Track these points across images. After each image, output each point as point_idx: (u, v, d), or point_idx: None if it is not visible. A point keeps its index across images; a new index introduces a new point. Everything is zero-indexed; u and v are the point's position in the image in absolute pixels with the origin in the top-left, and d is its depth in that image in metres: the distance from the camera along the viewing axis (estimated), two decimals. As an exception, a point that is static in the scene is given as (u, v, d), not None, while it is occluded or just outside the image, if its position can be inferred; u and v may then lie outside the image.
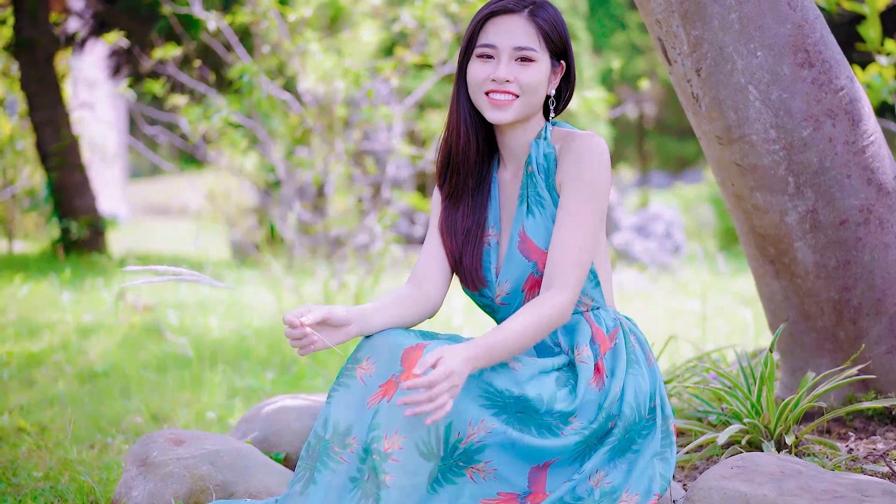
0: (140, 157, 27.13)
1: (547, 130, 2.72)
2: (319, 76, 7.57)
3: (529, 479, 2.51)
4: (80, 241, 11.09)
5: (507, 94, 2.63)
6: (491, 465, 2.48)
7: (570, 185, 2.61)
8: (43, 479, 3.44)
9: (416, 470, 2.42)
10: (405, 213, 11.89)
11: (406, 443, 2.41)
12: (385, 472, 2.39)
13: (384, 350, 2.53)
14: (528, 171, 2.69)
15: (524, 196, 2.71)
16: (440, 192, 2.82)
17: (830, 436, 3.24)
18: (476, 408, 2.48)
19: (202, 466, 2.92)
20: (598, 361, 2.65)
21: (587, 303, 2.71)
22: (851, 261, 3.26)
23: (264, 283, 8.60)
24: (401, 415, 2.41)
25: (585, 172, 2.59)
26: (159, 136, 9.06)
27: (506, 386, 2.52)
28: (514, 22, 2.63)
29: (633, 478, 2.57)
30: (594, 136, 2.62)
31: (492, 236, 2.77)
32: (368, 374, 2.52)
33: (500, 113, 2.64)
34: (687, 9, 3.15)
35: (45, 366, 5.35)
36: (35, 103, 11.09)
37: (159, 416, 4.42)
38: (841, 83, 3.21)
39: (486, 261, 2.75)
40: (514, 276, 2.70)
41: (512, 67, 2.62)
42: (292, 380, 5.24)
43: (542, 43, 2.64)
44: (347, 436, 2.50)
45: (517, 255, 2.69)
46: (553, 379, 2.60)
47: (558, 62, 2.70)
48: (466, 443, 2.46)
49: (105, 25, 12.25)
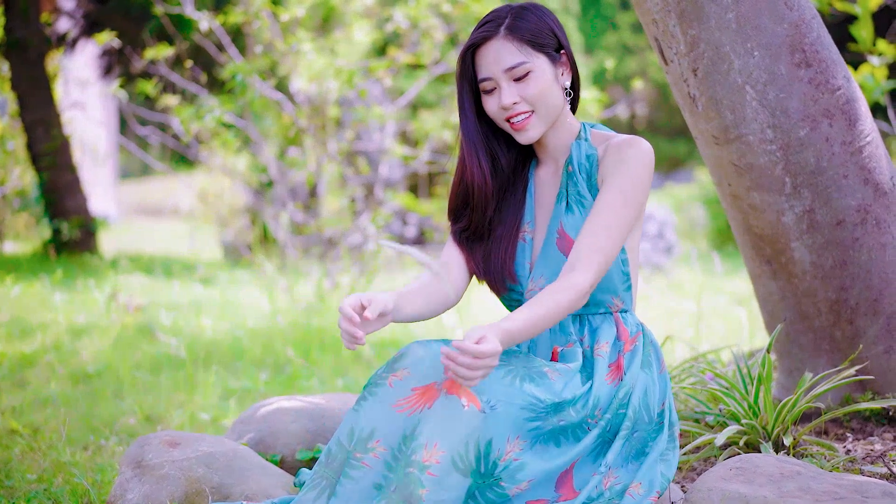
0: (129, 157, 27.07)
1: (587, 131, 2.75)
2: (311, 76, 7.56)
3: (557, 484, 2.51)
4: (71, 242, 11.07)
5: (521, 114, 2.66)
6: (533, 483, 2.47)
7: (609, 180, 2.63)
8: (37, 482, 3.42)
9: (452, 485, 2.37)
10: (397, 213, 11.88)
11: (444, 457, 2.36)
12: (422, 484, 2.33)
13: (427, 360, 2.48)
14: (569, 170, 2.72)
15: (563, 194, 2.73)
16: (453, 229, 2.84)
17: (828, 436, 3.24)
18: (521, 420, 2.46)
19: (198, 468, 2.90)
20: (619, 358, 2.67)
21: (618, 304, 2.73)
22: (848, 261, 3.26)
23: (257, 283, 8.59)
24: (442, 426, 2.38)
25: (626, 167, 2.62)
26: (151, 137, 9.03)
27: (547, 396, 2.51)
28: (496, 46, 2.65)
29: (640, 475, 2.58)
30: (640, 139, 2.65)
31: (527, 232, 2.79)
32: (399, 379, 2.48)
33: (524, 134, 2.68)
34: (684, 8, 3.15)
35: (38, 367, 5.33)
36: (26, 103, 11.07)
37: (153, 418, 4.40)
38: (838, 83, 3.20)
39: (519, 256, 2.77)
40: (550, 272, 2.71)
41: (512, 89, 2.64)
42: (286, 381, 5.22)
43: (530, 49, 2.64)
44: (370, 440, 2.45)
45: (554, 250, 2.70)
46: (579, 379, 2.62)
47: (558, 54, 2.70)
48: (505, 460, 2.44)
49: (96, 25, 12.21)
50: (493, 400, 2.44)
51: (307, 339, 6.04)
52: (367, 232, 8.07)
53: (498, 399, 2.45)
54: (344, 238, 8.25)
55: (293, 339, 6.06)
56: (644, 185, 2.62)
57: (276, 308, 7.13)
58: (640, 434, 2.64)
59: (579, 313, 2.72)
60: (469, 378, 2.32)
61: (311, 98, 7.89)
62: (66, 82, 12.45)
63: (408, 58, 8.13)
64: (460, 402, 2.40)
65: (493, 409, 2.43)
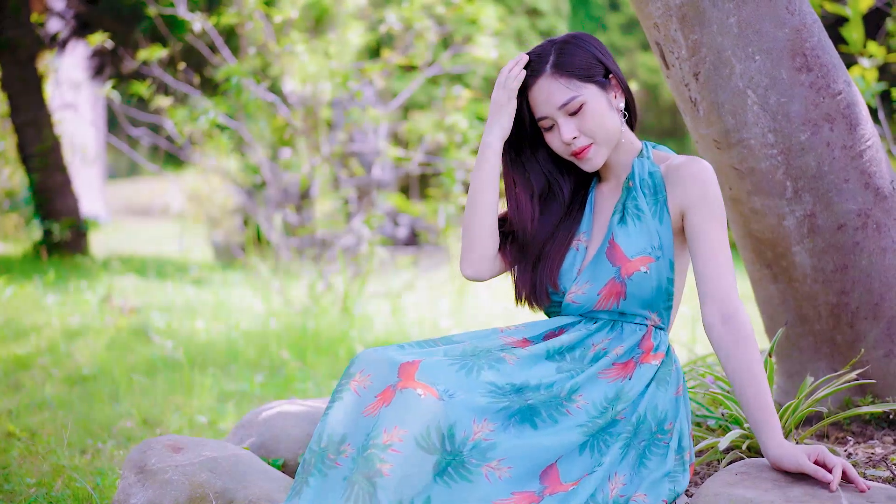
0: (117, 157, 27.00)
1: (648, 150, 2.83)
2: (303, 78, 7.55)
3: (541, 478, 2.50)
4: (62, 243, 11.03)
5: (584, 148, 2.73)
6: (505, 462, 2.47)
7: (699, 213, 2.70)
8: (36, 486, 3.42)
9: (417, 461, 2.37)
10: (389, 214, 11.87)
11: (406, 436, 2.37)
12: (383, 460, 2.33)
13: (380, 365, 2.52)
14: (629, 185, 2.78)
15: (619, 207, 2.79)
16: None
17: (829, 440, 3.25)
18: (484, 404, 2.49)
19: (201, 473, 2.89)
20: (630, 362, 2.69)
21: (655, 320, 2.76)
22: (849, 265, 3.26)
23: (250, 285, 8.57)
24: (400, 413, 2.40)
25: (714, 201, 2.70)
26: (144, 139, 9.01)
27: (505, 381, 2.56)
28: (547, 85, 2.73)
29: (645, 487, 2.58)
30: (702, 160, 2.73)
31: (581, 241, 2.84)
32: (363, 387, 2.50)
33: (588, 162, 2.76)
34: (686, 13, 3.15)
35: (32, 369, 5.32)
36: (17, 104, 11.03)
37: (150, 421, 4.39)
38: (839, 87, 3.21)
39: (568, 262, 2.81)
40: (598, 279, 2.74)
41: (570, 123, 2.72)
42: (282, 383, 5.22)
43: (577, 82, 2.71)
44: (342, 444, 2.47)
45: (604, 259, 2.74)
46: (554, 367, 2.66)
47: (607, 79, 2.76)
48: (474, 440, 2.45)
49: (87, 26, 12.18)
50: (451, 389, 2.47)
51: (302, 342, 6.04)
52: (361, 234, 8.07)
53: (456, 388, 2.48)
54: (337, 240, 8.24)
55: (288, 342, 6.06)
56: (723, 202, 2.71)
57: (270, 310, 7.12)
58: (644, 444, 2.64)
59: (614, 319, 2.76)
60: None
61: (304, 99, 7.88)
62: (57, 83, 12.41)
63: (401, 59, 8.13)
64: (416, 393, 2.42)
65: (451, 397, 2.46)
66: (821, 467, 2.44)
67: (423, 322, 7.07)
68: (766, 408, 2.54)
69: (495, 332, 2.77)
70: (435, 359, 2.54)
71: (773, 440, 2.52)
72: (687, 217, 2.71)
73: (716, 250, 2.66)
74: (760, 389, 2.55)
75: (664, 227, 2.73)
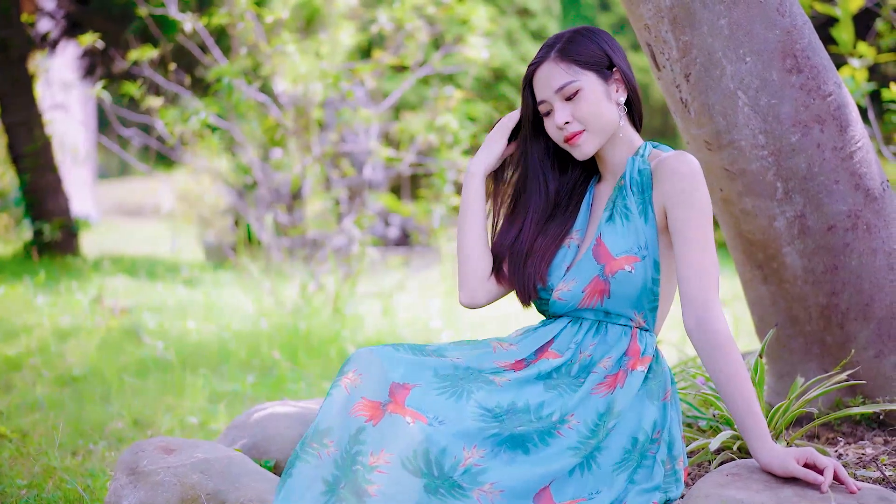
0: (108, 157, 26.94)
1: (646, 149, 2.80)
2: (294, 78, 7.55)
3: (535, 500, 2.49)
4: (53, 243, 11.01)
5: (575, 133, 2.73)
6: (497, 486, 2.46)
7: (683, 213, 2.64)
8: (27, 488, 3.41)
9: (404, 481, 2.38)
10: (380, 214, 11.87)
11: (393, 458, 2.38)
12: (370, 482, 2.35)
13: (374, 371, 2.52)
14: (620, 184, 2.78)
15: (609, 205, 2.78)
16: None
17: (819, 441, 3.25)
18: (474, 430, 2.48)
19: (193, 475, 2.89)
20: (620, 372, 2.67)
21: (640, 321, 2.74)
22: (839, 266, 3.27)
23: (241, 285, 8.56)
24: (387, 437, 2.41)
25: (693, 196, 2.64)
26: (134, 139, 9.00)
27: (495, 405, 2.54)
28: (548, 69, 2.74)
29: (630, 499, 2.57)
30: (687, 155, 2.67)
31: (574, 239, 2.85)
32: (353, 385, 2.51)
33: (578, 149, 2.76)
34: (676, 14, 3.15)
35: (23, 370, 5.30)
36: (7, 104, 11.00)
37: (141, 422, 4.39)
38: (829, 89, 3.22)
39: (558, 259, 2.82)
40: (582, 276, 2.73)
41: (565, 109, 2.73)
42: (273, 384, 5.21)
43: (577, 68, 2.72)
44: (326, 436, 2.46)
45: (590, 257, 2.73)
46: (542, 385, 2.64)
47: (609, 71, 2.75)
48: (465, 465, 2.45)
49: (77, 26, 12.15)
50: (440, 416, 2.47)
51: (293, 342, 6.04)
52: (352, 234, 8.06)
53: (446, 415, 2.48)
54: (328, 240, 8.23)
55: (279, 342, 6.06)
56: (708, 200, 2.65)
57: (261, 310, 7.12)
58: (634, 460, 2.62)
59: (599, 319, 2.74)
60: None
61: (295, 100, 7.88)
62: (47, 83, 12.38)
63: (392, 59, 8.13)
64: (405, 420, 2.43)
65: (441, 423, 2.45)
66: (811, 469, 2.45)
67: (414, 322, 7.08)
68: (753, 413, 2.52)
69: (488, 351, 2.75)
70: (425, 385, 2.53)
71: (763, 445, 2.51)
72: (668, 214, 2.67)
73: (694, 250, 2.61)
74: (745, 395, 2.53)
75: (649, 225, 2.70)
